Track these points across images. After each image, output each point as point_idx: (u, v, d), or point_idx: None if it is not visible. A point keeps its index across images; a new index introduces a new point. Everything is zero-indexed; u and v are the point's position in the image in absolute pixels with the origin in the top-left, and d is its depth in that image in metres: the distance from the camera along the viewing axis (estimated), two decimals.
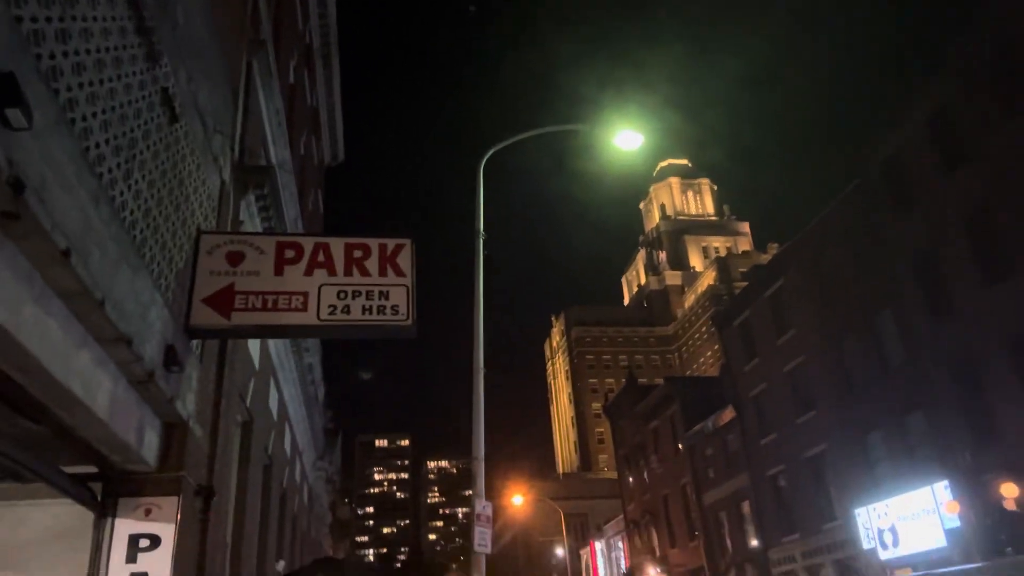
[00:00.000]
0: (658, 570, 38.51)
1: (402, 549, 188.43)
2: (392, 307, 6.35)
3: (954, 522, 19.48)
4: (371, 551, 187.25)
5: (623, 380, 55.51)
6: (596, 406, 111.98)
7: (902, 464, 22.05)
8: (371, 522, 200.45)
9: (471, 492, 9.54)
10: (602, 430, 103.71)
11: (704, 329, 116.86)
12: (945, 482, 19.85)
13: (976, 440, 19.30)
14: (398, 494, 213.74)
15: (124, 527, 5.88)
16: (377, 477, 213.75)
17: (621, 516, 46.53)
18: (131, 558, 5.86)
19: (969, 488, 19.09)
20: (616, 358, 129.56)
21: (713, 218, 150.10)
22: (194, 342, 6.24)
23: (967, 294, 19.79)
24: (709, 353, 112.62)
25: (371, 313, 6.31)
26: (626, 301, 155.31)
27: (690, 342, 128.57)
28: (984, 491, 18.29)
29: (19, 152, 3.09)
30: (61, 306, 4.00)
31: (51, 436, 4.88)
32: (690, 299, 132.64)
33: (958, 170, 20.09)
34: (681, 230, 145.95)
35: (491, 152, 10.34)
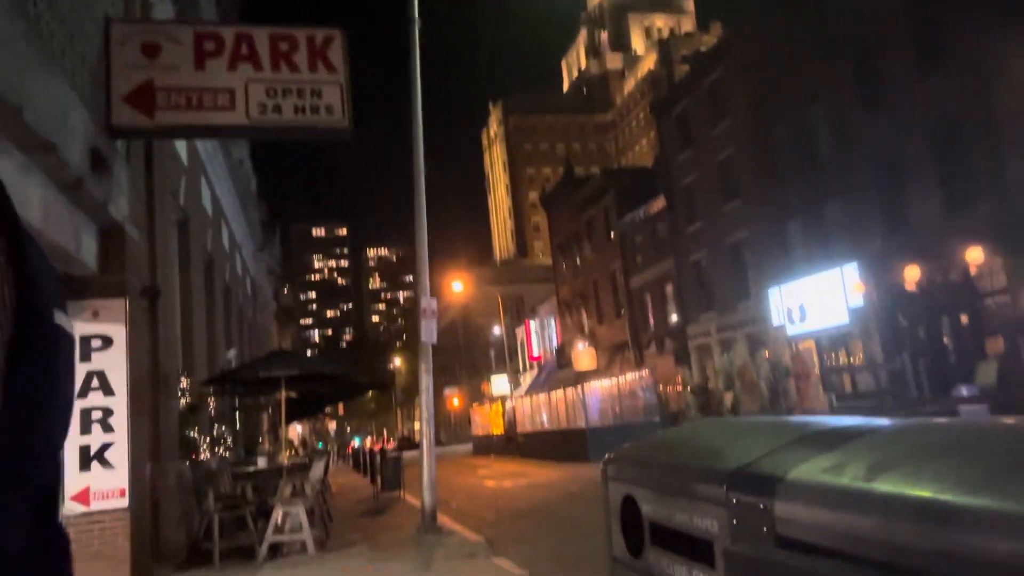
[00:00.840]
0: (586, 344, 41.76)
1: (346, 330, 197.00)
2: (326, 107, 6.13)
3: (858, 301, 21.43)
4: (316, 332, 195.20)
5: (560, 170, 55.86)
6: (533, 195, 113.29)
7: (816, 249, 23.64)
8: (314, 307, 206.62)
9: (411, 278, 9.89)
10: (538, 219, 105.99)
11: (642, 116, 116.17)
12: (854, 263, 21.51)
13: (888, 227, 20.68)
14: (339, 280, 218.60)
15: (74, 329, 6.01)
16: (317, 265, 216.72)
17: (554, 299, 49.29)
18: (85, 357, 6.07)
19: (876, 271, 20.80)
20: (554, 147, 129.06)
21: None
22: (119, 143, 5.97)
23: (899, 87, 20.07)
24: (645, 140, 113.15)
25: (303, 113, 6.09)
26: (566, 87, 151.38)
27: (627, 130, 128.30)
28: (889, 274, 19.98)
29: None
30: None
31: None
32: (630, 84, 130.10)
33: None
34: (624, 8, 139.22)
35: None
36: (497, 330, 57.13)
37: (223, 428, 11.39)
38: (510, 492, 15.57)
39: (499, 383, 55.13)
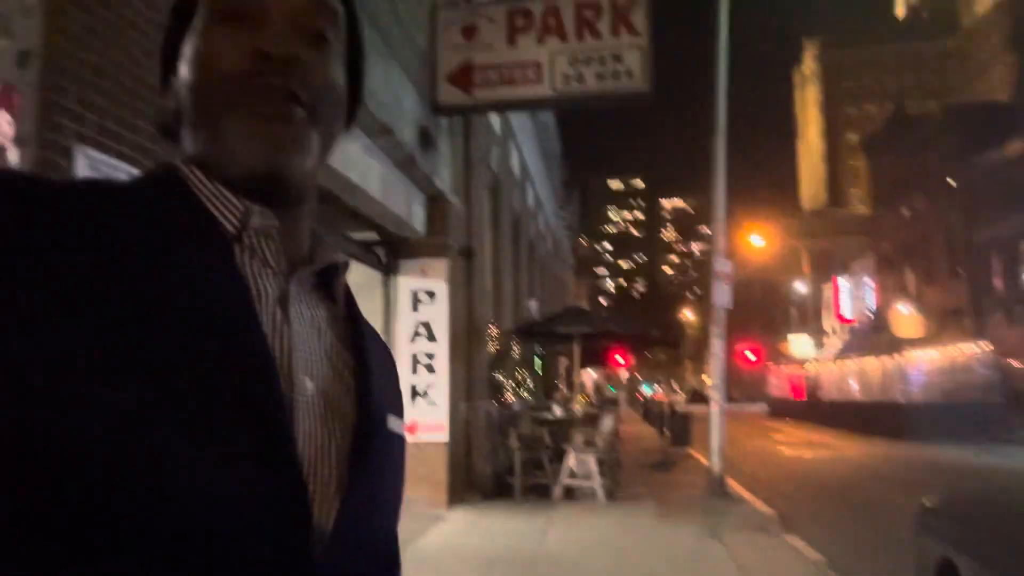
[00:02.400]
0: (911, 308, 36.96)
1: (639, 281, 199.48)
2: (626, 72, 6.15)
3: None
4: (611, 283, 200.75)
5: (887, 107, 49.34)
6: (852, 137, 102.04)
7: None
8: (609, 257, 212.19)
9: (706, 229, 9.60)
10: (856, 164, 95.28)
11: (996, 40, 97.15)
12: None
13: None
14: (634, 232, 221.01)
15: (406, 284, 6.97)
16: (613, 217, 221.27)
17: (871, 254, 44.26)
18: (414, 308, 7.01)
19: None
20: (880, 82, 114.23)
21: None
22: (443, 120, 6.67)
23: None
24: (1000, 69, 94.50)
25: (604, 80, 6.19)
26: (899, 11, 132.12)
27: (977, 57, 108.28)
28: None
29: None
30: None
31: (340, 214, 5.74)
32: (984, 2, 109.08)
33: None
34: None
35: None
36: (800, 286, 53.23)
37: (525, 373, 12.37)
38: (808, 464, 14.67)
39: (800, 343, 51.55)
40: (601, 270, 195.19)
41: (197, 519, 0.50)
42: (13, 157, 2.45)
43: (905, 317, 36.75)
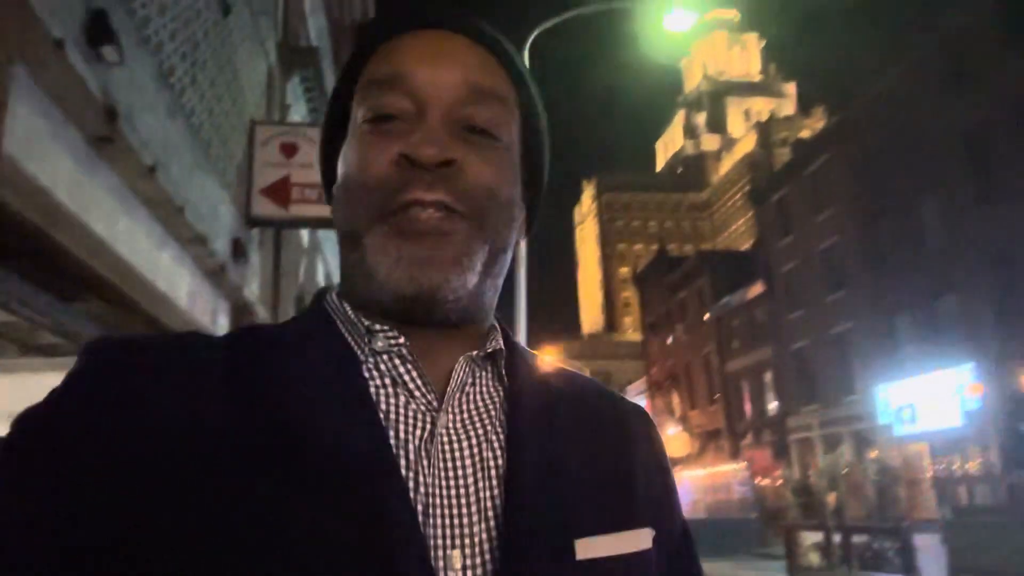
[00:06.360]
0: (679, 429, 40.53)
1: None
2: None
3: (974, 404, 20.05)
4: None
5: (653, 246, 55.75)
6: (624, 271, 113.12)
7: (928, 346, 22.37)
8: None
9: None
10: (629, 295, 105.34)
11: (739, 196, 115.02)
12: (971, 365, 20.23)
13: (1005, 327, 19.44)
14: None
15: None
16: None
17: (644, 378, 48.39)
18: None
19: (993, 373, 19.49)
20: (646, 224, 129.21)
21: (758, 78, 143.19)
22: (255, 232, 6.53)
23: (1016, 180, 19.21)
24: (742, 221, 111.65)
25: None
26: (659, 167, 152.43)
27: (723, 209, 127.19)
28: (1007, 377, 18.68)
29: (112, 83, 3.22)
30: (146, 215, 4.26)
31: (140, 323, 5.30)
32: (727, 165, 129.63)
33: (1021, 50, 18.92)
34: (723, 92, 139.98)
35: (536, 32, 9.94)
36: None
37: None
38: None
39: None
40: None
41: None
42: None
43: (673, 437, 40.14)
